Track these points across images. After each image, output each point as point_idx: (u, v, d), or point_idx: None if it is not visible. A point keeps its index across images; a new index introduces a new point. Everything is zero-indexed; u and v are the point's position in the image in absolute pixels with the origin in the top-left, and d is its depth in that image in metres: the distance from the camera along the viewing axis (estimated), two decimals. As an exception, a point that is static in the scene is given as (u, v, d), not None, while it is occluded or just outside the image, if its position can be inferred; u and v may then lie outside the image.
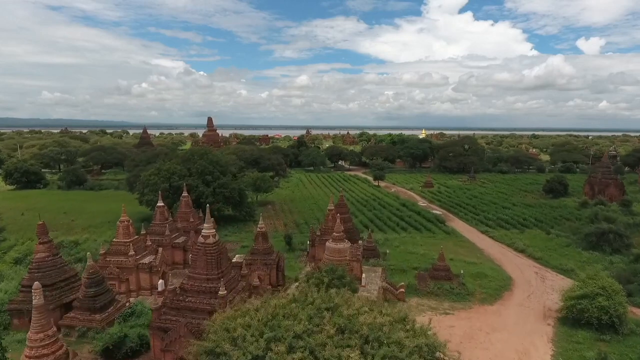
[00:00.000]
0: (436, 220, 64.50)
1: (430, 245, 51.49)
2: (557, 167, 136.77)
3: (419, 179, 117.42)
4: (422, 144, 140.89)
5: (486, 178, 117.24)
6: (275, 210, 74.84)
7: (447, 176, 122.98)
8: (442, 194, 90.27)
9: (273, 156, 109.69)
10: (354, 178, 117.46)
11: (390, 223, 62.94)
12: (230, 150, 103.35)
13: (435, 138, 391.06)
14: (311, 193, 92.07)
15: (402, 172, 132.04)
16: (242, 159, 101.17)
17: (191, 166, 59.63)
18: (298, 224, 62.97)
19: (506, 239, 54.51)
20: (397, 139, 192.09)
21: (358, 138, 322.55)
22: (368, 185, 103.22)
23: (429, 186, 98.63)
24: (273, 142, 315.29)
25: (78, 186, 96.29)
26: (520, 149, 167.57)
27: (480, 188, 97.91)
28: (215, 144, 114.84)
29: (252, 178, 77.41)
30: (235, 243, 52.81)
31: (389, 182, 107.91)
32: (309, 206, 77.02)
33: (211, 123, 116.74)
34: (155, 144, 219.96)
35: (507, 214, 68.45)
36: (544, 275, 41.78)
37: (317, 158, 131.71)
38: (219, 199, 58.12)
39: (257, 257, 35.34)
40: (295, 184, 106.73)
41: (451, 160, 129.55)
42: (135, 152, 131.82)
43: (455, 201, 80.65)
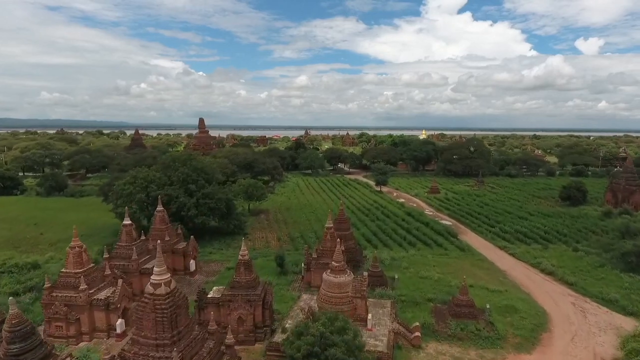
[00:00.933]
0: (447, 234, 57.76)
1: (444, 265, 44.75)
2: (568, 171, 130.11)
3: (423, 183, 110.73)
4: (425, 146, 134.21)
5: (494, 182, 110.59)
6: (268, 220, 68.05)
7: (453, 180, 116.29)
8: (450, 201, 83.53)
9: (268, 160, 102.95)
10: (355, 182, 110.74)
11: (396, 237, 56.16)
12: (223, 153, 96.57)
13: (436, 139, 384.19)
14: (308, 200, 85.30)
15: (404, 176, 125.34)
16: (234, 163, 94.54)
17: (172, 174, 52.79)
18: (293, 238, 56.17)
19: (529, 257, 47.78)
20: (398, 140, 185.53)
21: (358, 139, 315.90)
22: (370, 191, 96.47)
23: (435, 192, 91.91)
24: (271, 143, 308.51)
25: (58, 192, 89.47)
26: (528, 151, 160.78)
27: (490, 194, 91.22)
28: (207, 146, 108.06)
29: (244, 185, 70.67)
30: (219, 263, 46.00)
31: (391, 187, 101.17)
32: (306, 216, 70.26)
33: (203, 124, 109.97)
34: (149, 146, 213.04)
35: (525, 225, 61.70)
36: (583, 307, 35.07)
37: (315, 161, 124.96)
38: (203, 210, 51.33)
39: (238, 293, 28.59)
40: (291, 189, 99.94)
41: (456, 163, 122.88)
42: (123, 155, 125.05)
43: (465, 210, 73.90)
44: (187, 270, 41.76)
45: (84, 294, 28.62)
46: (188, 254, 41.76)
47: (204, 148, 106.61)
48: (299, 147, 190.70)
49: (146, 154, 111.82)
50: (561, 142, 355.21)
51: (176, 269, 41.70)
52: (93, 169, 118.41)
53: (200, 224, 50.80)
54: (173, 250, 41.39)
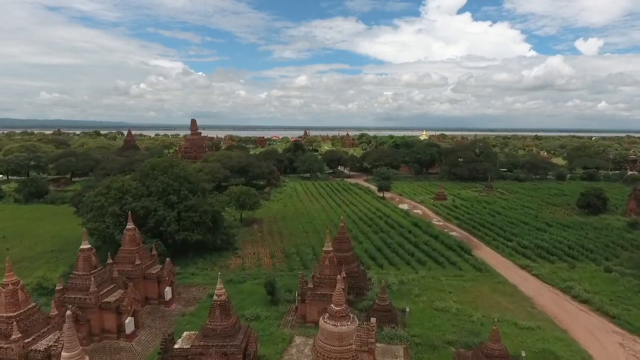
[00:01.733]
0: (459, 249, 51.76)
1: (460, 291, 38.76)
2: (579, 175, 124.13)
3: (428, 188, 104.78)
4: (429, 148, 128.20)
5: (503, 187, 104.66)
6: (262, 232, 62.02)
7: (459, 185, 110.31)
8: (458, 209, 77.52)
9: (264, 163, 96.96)
10: (355, 187, 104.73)
11: (403, 253, 50.16)
12: (215, 157, 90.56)
13: (437, 139, 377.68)
14: (306, 207, 79.28)
15: (407, 180, 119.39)
16: (227, 167, 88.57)
17: (150, 183, 46.75)
18: (288, 255, 50.15)
19: (557, 280, 41.78)
20: (400, 141, 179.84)
21: (358, 140, 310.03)
22: (372, 197, 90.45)
23: (442, 199, 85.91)
24: (269, 144, 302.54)
25: (38, 199, 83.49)
26: (536, 154, 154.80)
27: (501, 201, 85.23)
28: (199, 149, 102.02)
29: (235, 193, 64.69)
30: (201, 288, 39.96)
31: (394, 193, 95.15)
32: (303, 226, 64.26)
33: (195, 126, 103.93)
34: (143, 147, 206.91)
35: (545, 239, 55.67)
36: (633, 349, 29.13)
37: (314, 164, 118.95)
38: (186, 225, 45.33)
39: (212, 343, 22.57)
40: (288, 195, 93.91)
41: (462, 166, 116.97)
42: (111, 158, 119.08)
43: (476, 219, 67.87)
44: (162, 299, 35.74)
45: (16, 345, 22.60)
46: (163, 279, 35.73)
47: (195, 151, 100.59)
48: (298, 149, 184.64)
49: (134, 157, 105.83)
50: (564, 142, 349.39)
51: (149, 298, 35.74)
52: (80, 173, 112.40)
53: (182, 240, 44.77)
54: (145, 276, 35.38)
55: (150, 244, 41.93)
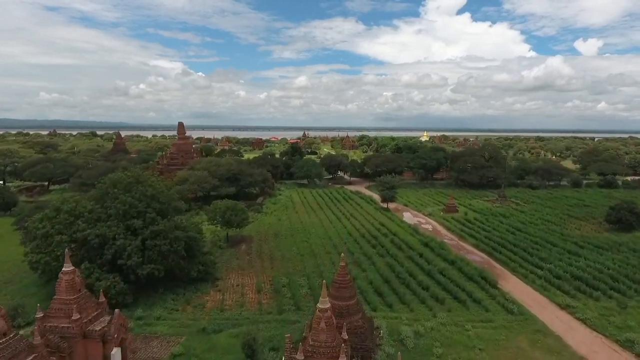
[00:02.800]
0: (482, 280, 43.58)
1: (493, 347, 30.54)
2: (596, 181, 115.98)
3: (435, 197, 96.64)
4: (435, 153, 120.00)
5: (516, 196, 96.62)
6: (250, 254, 53.80)
7: (468, 193, 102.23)
8: (472, 223, 69.38)
9: (257, 171, 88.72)
10: (356, 196, 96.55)
11: (415, 286, 41.98)
12: (202, 164, 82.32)
13: (438, 141, 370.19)
14: (302, 221, 71.10)
15: (412, 187, 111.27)
16: (216, 176, 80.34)
17: (110, 204, 38.53)
18: (278, 289, 41.89)
19: (611, 328, 33.57)
20: (402, 144, 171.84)
21: (358, 141, 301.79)
22: (375, 208, 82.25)
23: (452, 211, 77.74)
24: (267, 146, 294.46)
25: (4, 212, 75.35)
26: (549, 159, 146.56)
27: (518, 213, 77.10)
28: (186, 155, 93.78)
29: (220, 208, 56.49)
30: (164, 342, 31.67)
31: (399, 203, 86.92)
32: (298, 247, 56.07)
33: (182, 130, 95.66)
34: (135, 150, 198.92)
35: (581, 266, 47.47)
36: None
37: (312, 170, 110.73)
38: (152, 256, 37.12)
39: None
40: (284, 205, 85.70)
41: (471, 172, 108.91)
42: (95, 163, 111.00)
43: (495, 238, 59.62)
44: (108, 364, 27.53)
45: None
46: (110, 338, 27.50)
47: (182, 157, 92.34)
48: (295, 152, 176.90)
49: (120, 163, 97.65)
50: (567, 144, 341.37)
51: (91, 363, 27.48)
52: (60, 180, 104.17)
53: (147, 275, 36.56)
54: (86, 334, 27.07)
55: (104, 282, 33.85)
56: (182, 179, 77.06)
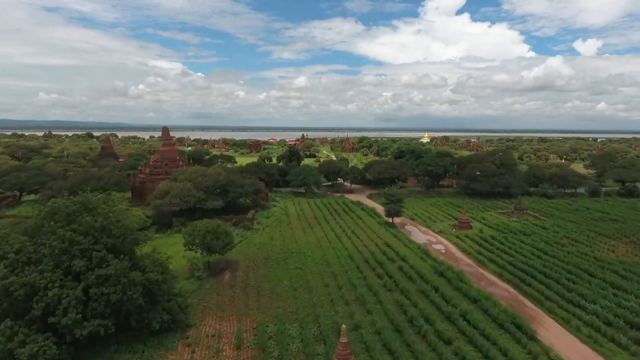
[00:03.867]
0: (514, 327, 35.26)
1: None
2: (616, 190, 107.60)
3: (444, 209, 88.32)
4: (442, 159, 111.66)
5: (532, 207, 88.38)
6: (233, 287, 45.47)
7: (479, 203, 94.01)
8: (489, 243, 61.07)
9: (248, 181, 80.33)
10: (358, 207, 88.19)
11: (433, 338, 33.65)
12: (187, 175, 73.96)
13: (440, 142, 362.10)
14: (298, 241, 62.81)
15: (417, 196, 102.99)
16: (202, 188, 72.04)
17: (45, 241, 30.20)
18: (263, 344, 33.48)
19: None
20: (405, 147, 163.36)
21: (358, 144, 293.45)
22: (378, 223, 73.92)
23: (466, 227, 69.44)
24: (265, 148, 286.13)
25: (-38, 229, 66.88)
26: (563, 164, 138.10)
27: (539, 230, 68.77)
28: (171, 162, 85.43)
29: (200, 231, 48.18)
30: None
31: (405, 216, 78.54)
32: (291, 277, 47.78)
33: (167, 135, 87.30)
34: (125, 154, 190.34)
35: (633, 307, 39.17)
36: None
37: (309, 177, 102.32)
38: (98, 308, 28.78)
39: None
40: (277, 219, 77.39)
41: (481, 181, 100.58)
42: (77, 171, 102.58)
43: (519, 264, 51.18)
44: None
45: None
46: None
47: (167, 166, 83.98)
48: (293, 155, 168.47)
49: (100, 172, 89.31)
50: (571, 145, 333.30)
51: None
52: (35, 190, 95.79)
53: (89, 334, 28.20)
54: None
55: (30, 347, 25.58)
56: (162, 192, 68.80)
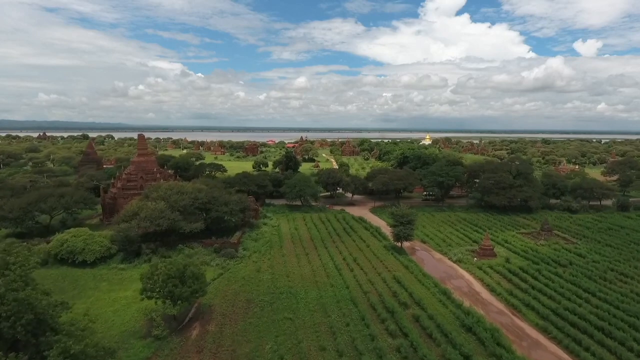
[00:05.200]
0: None
1: None
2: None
3: (458, 226, 77.67)
4: (452, 168, 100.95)
5: (557, 225, 77.89)
6: (201, 352, 34.88)
7: (496, 219, 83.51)
8: (521, 279, 50.47)
9: (234, 198, 69.66)
10: (360, 225, 77.67)
11: None
12: (161, 191, 63.34)
13: (443, 144, 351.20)
14: (290, 274, 52.29)
15: (426, 210, 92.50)
16: (178, 208, 61.50)
17: None
18: None
19: None
20: (409, 153, 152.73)
21: (359, 146, 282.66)
22: (385, 248, 63.39)
23: (489, 255, 58.87)
24: (262, 151, 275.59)
25: None
26: (584, 173, 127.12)
27: (575, 257, 58.21)
28: (147, 175, 74.85)
29: (161, 274, 37.58)
30: None
31: (416, 239, 67.93)
32: (277, 333, 37.20)
33: (143, 143, 76.67)
34: (113, 160, 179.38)
35: None
36: None
37: (305, 190, 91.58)
38: None
39: None
40: (267, 242, 66.84)
41: (498, 193, 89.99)
42: (40, 184, 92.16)
43: (565, 313, 40.60)
44: None
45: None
46: None
47: (142, 179, 73.41)
48: (290, 161, 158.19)
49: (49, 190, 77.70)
50: (577, 147, 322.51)
51: None
52: None
53: None
54: None
55: None
56: (130, 213, 58.25)
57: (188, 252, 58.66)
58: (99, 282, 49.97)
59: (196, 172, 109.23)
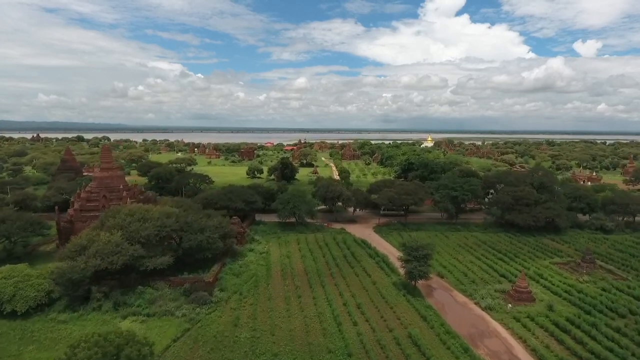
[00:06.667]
0: None
1: None
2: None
3: (477, 252, 65.99)
4: (467, 181, 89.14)
5: (593, 250, 66.18)
6: None
7: (522, 243, 71.89)
8: (575, 338, 38.89)
9: (212, 222, 57.78)
10: (364, 253, 65.90)
11: None
12: (120, 218, 51.55)
13: (445, 146, 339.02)
14: (275, 330, 40.68)
15: (438, 229, 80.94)
16: (140, 239, 49.90)
17: None
18: None
19: None
20: (415, 159, 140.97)
21: (360, 149, 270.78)
22: (394, 287, 51.64)
23: (526, 299, 47.19)
24: (258, 155, 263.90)
25: None
26: (614, 186, 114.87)
27: (634, 303, 46.64)
28: (112, 193, 63.22)
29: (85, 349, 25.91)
30: None
31: (432, 272, 56.25)
32: None
33: (107, 156, 65.02)
34: (95, 167, 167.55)
35: None
36: None
37: (301, 205, 79.75)
38: None
39: None
40: (252, 275, 55.24)
41: (521, 211, 78.28)
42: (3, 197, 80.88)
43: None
44: None
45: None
46: None
47: (105, 198, 61.73)
48: (286, 168, 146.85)
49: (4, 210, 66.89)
50: (582, 148, 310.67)
51: None
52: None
53: None
54: None
55: None
56: (77, 248, 46.62)
57: (150, 295, 47.08)
58: (26, 344, 38.40)
59: (179, 184, 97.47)
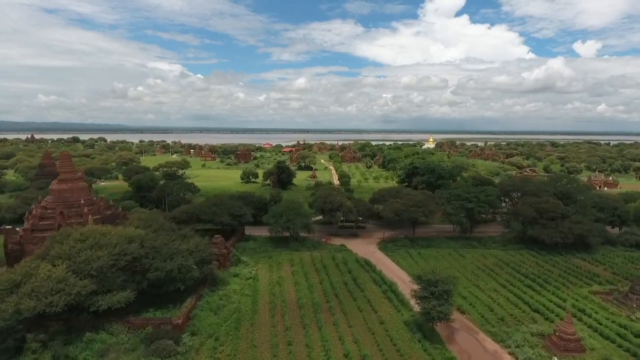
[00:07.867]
0: None
1: None
2: None
3: (500, 276, 56.27)
4: (483, 190, 79.34)
5: (632, 274, 56.55)
6: None
7: (549, 264, 62.37)
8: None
9: (186, 246, 47.94)
10: (369, 278, 56.11)
11: None
12: (65, 247, 41.77)
13: (448, 148, 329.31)
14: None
15: (451, 245, 71.39)
16: (92, 271, 40.27)
17: None
18: None
19: None
20: (420, 164, 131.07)
21: (360, 151, 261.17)
22: (407, 329, 41.89)
23: (574, 350, 37.46)
24: (255, 157, 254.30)
25: None
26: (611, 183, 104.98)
27: None
28: (71, 208, 53.46)
29: None
30: None
31: (449, 305, 46.50)
32: None
33: (67, 164, 55.46)
34: (80, 170, 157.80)
35: None
36: None
37: (295, 219, 70.02)
38: None
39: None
40: (233, 313, 45.52)
41: (546, 225, 68.58)
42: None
43: None
44: None
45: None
46: None
47: (62, 215, 51.94)
48: (282, 172, 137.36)
49: None
50: (587, 150, 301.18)
51: None
52: None
53: None
54: None
55: None
56: (6, 285, 36.85)
57: (100, 345, 37.34)
58: None
59: (160, 194, 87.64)
